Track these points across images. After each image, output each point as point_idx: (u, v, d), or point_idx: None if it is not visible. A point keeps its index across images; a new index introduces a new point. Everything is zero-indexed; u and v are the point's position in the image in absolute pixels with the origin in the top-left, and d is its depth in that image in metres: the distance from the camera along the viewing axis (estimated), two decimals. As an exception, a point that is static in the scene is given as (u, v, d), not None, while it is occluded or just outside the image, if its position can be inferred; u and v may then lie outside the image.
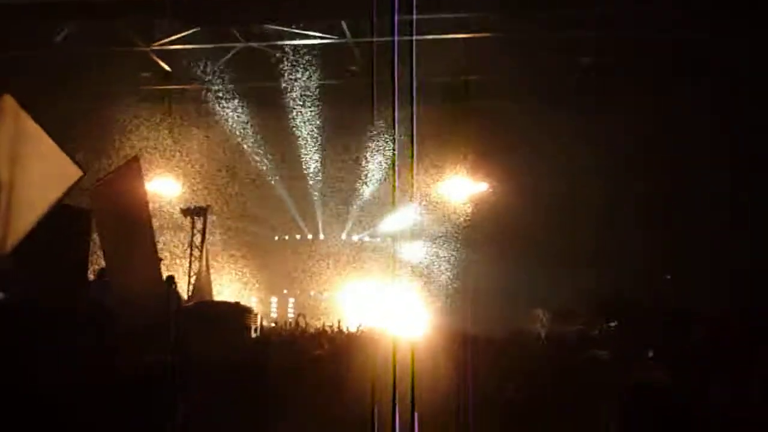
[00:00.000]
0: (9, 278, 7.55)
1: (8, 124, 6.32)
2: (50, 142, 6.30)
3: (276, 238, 19.07)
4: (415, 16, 11.52)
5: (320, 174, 17.18)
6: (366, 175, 16.90)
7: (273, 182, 17.19)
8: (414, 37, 13.08)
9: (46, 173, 6.29)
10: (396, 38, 13.09)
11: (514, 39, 13.47)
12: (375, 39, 13.70)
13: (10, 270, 7.50)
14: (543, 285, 13.84)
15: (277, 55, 14.70)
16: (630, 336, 8.87)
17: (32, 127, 6.30)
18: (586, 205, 14.28)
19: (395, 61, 13.23)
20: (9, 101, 6.40)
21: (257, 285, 17.60)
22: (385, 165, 16.45)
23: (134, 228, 8.01)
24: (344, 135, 16.46)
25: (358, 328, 11.61)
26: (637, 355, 8.06)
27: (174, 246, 14.89)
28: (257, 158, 16.69)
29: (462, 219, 16.03)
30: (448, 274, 16.03)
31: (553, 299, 13.00)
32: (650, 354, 7.88)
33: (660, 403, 5.36)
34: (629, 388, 5.66)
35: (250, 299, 16.66)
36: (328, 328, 11.27)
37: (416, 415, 6.63)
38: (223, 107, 15.74)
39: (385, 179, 16.64)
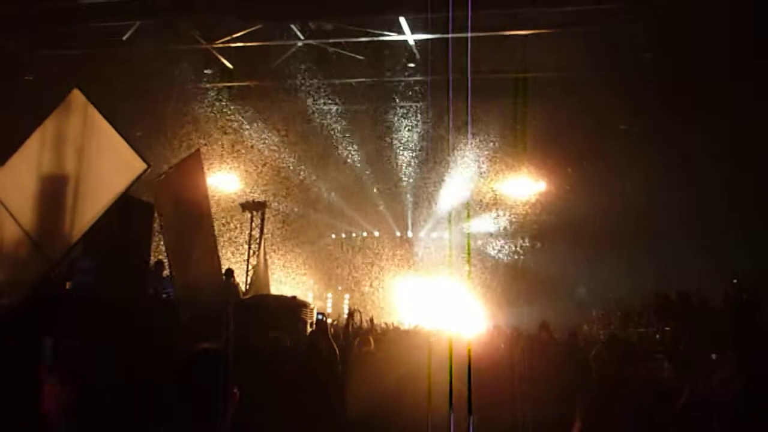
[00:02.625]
0: (75, 267, 7.81)
1: (76, 117, 6.50)
2: (116, 135, 6.45)
3: (333, 235, 19.23)
4: (470, 12, 11.43)
5: (380, 171, 17.21)
6: (425, 173, 16.84)
7: (333, 179, 17.33)
8: (469, 34, 13.05)
9: (112, 166, 6.44)
10: (451, 35, 13.05)
11: (575, 34, 13.16)
12: (431, 36, 13.68)
13: (76, 259, 7.75)
14: (607, 285, 13.52)
15: (336, 51, 14.75)
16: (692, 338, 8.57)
17: (99, 121, 6.47)
18: (653, 205, 13.84)
19: (449, 57, 13.15)
20: (77, 95, 6.59)
21: (313, 281, 17.77)
22: (444, 162, 16.35)
23: (195, 221, 8.13)
24: (406, 131, 16.40)
25: (411, 325, 11.56)
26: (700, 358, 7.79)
27: (233, 240, 15.16)
28: (317, 155, 16.85)
29: (523, 217, 15.80)
30: (509, 272, 15.84)
31: (617, 299, 12.69)
32: (713, 357, 7.59)
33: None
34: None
35: (306, 294, 16.83)
36: (383, 324, 11.26)
37: (472, 419, 6.54)
38: (286, 104, 15.91)
39: (445, 177, 16.54)
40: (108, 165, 6.47)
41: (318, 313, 9.58)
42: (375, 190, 17.69)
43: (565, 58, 13.35)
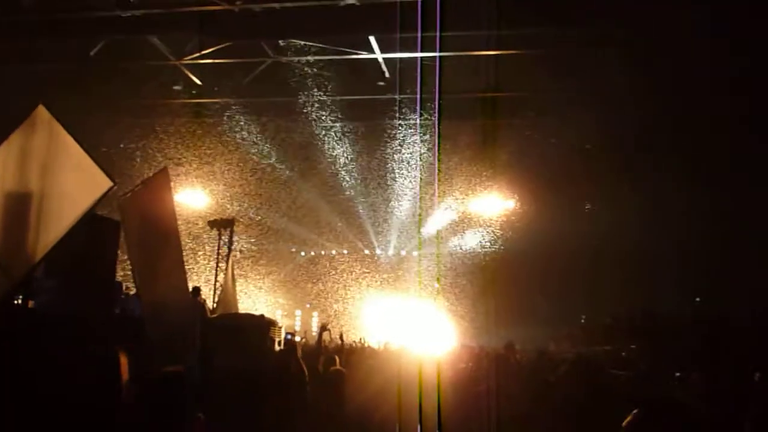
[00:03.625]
0: (39, 286, 7.66)
1: (41, 133, 6.42)
2: (81, 152, 6.38)
3: (303, 253, 19.15)
4: (438, 33, 11.58)
5: (351, 189, 17.22)
6: (396, 191, 16.89)
7: (301, 198, 17.28)
8: (438, 54, 13.20)
9: (77, 183, 6.36)
10: (420, 54, 13.19)
11: (545, 56, 13.37)
12: (400, 55, 13.79)
13: (39, 278, 7.61)
14: (575, 304, 13.67)
15: (306, 69, 14.79)
16: (658, 356, 8.70)
17: (64, 137, 6.39)
18: (617, 225, 14.06)
19: (419, 77, 13.29)
20: (42, 112, 6.51)
21: (282, 299, 17.65)
22: (414, 180, 16.42)
23: (162, 239, 8.04)
24: (374, 150, 16.47)
25: (380, 343, 11.53)
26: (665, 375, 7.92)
27: (201, 258, 15.01)
28: (286, 173, 16.81)
29: (492, 235, 15.94)
30: (475, 290, 15.91)
31: (583, 319, 12.82)
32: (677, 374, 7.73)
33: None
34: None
35: (275, 312, 16.70)
36: (353, 343, 11.21)
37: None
38: (253, 121, 15.88)
39: (416, 196, 16.60)
40: (73, 182, 6.38)
41: (287, 333, 9.53)
42: (345, 209, 17.69)
43: (536, 79, 13.57)
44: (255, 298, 16.51)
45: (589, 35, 12.93)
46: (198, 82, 15.29)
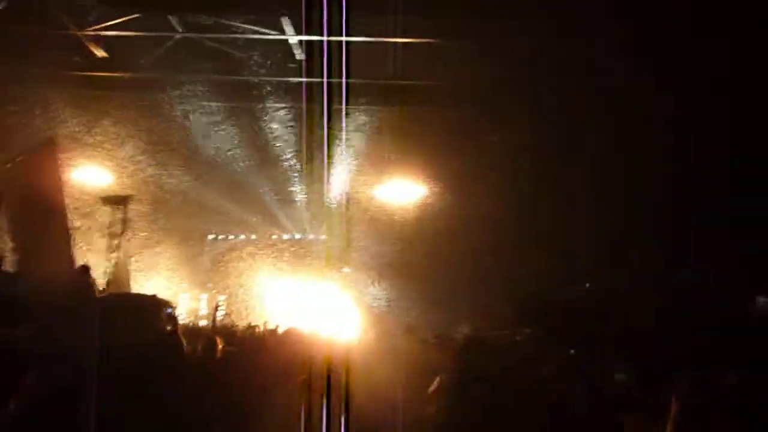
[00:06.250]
0: None
1: None
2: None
3: (209, 236, 18.75)
4: (344, 16, 11.51)
5: (258, 172, 16.93)
6: (304, 175, 16.73)
7: (208, 178, 16.84)
8: (344, 38, 13.14)
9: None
10: (326, 38, 13.11)
11: (456, 46, 13.52)
12: (304, 37, 13.65)
13: None
14: (477, 288, 13.96)
15: (214, 46, 14.43)
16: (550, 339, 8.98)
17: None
18: (519, 211, 14.46)
19: (324, 59, 13.23)
20: None
21: (186, 282, 17.24)
22: (322, 165, 16.32)
23: (46, 214, 7.68)
24: (280, 131, 16.25)
25: (285, 326, 11.44)
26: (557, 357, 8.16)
27: (94, 236, 14.41)
28: (192, 153, 16.31)
29: (396, 220, 16.05)
30: (381, 275, 16.02)
31: (486, 303, 13.10)
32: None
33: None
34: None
35: (178, 295, 16.31)
36: (253, 326, 11.08)
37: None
38: (157, 98, 15.33)
39: (324, 180, 16.50)
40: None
41: (168, 308, 9.31)
42: (252, 191, 17.39)
43: (450, 67, 13.72)
44: (155, 280, 16.02)
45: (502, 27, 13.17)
46: (99, 54, 14.63)
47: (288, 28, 13.80)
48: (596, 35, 12.25)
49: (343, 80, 11.72)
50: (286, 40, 14.16)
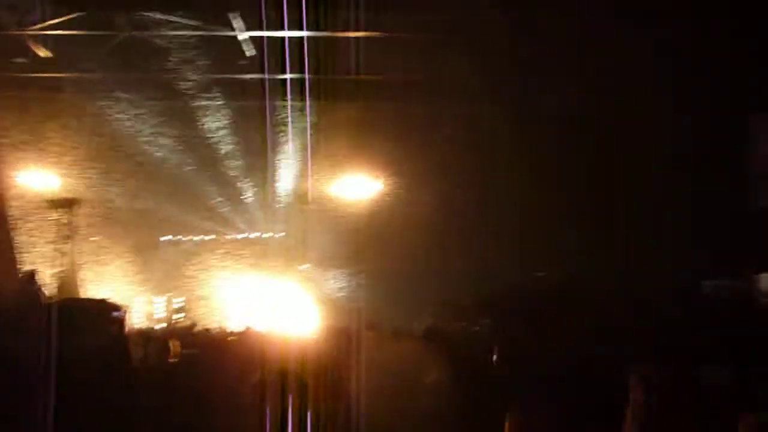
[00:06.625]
0: None
1: None
2: None
3: (163, 238, 18.38)
4: (304, 12, 11.41)
5: (210, 170, 16.66)
6: (261, 174, 16.52)
7: (160, 179, 16.49)
8: (305, 33, 13.03)
9: None
10: (287, 33, 13.00)
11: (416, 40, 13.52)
12: (265, 33, 13.47)
13: None
14: (438, 281, 13.99)
15: (162, 44, 14.14)
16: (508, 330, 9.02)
17: None
18: (479, 204, 14.54)
19: (286, 56, 13.10)
20: None
21: (142, 285, 16.90)
22: (280, 163, 16.17)
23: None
24: (232, 130, 16.03)
25: (243, 327, 11.35)
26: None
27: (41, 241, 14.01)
28: (142, 153, 15.95)
29: (355, 216, 15.98)
30: (342, 271, 15.95)
31: (446, 295, 13.13)
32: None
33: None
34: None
35: (132, 300, 15.97)
36: (210, 328, 10.95)
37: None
38: (106, 98, 14.96)
39: (281, 178, 16.35)
40: None
41: (115, 312, 9.12)
42: (208, 192, 17.12)
43: (411, 62, 13.71)
44: (108, 285, 15.67)
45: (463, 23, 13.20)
46: (42, 54, 14.20)
47: (237, 24, 13.62)
48: (560, 27, 12.42)
49: (306, 76, 11.66)
50: (235, 37, 13.98)
